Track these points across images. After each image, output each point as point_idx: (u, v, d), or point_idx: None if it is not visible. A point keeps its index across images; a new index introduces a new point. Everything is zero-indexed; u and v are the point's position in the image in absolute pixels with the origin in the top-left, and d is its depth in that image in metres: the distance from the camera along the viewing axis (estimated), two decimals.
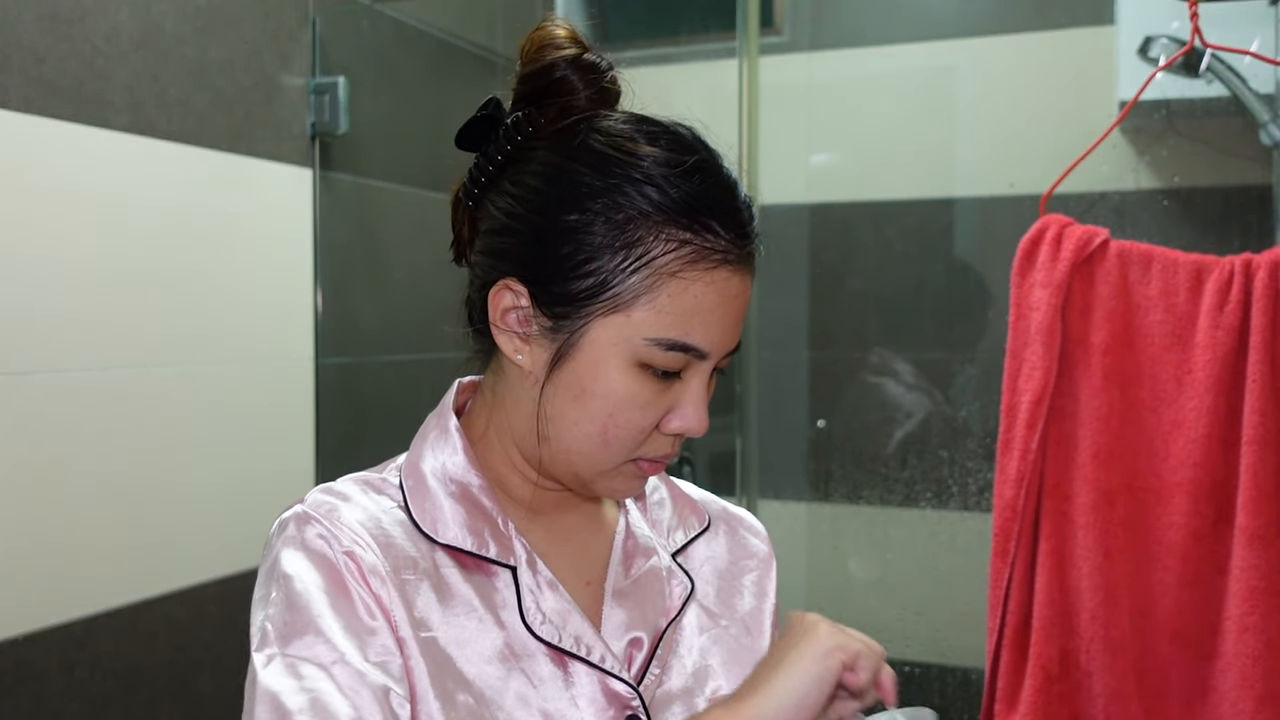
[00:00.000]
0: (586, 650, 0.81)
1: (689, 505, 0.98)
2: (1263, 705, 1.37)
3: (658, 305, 0.77)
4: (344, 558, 0.76)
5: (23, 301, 1.50)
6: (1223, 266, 1.45)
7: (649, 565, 0.90)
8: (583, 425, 0.80)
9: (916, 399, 2.31)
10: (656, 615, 0.87)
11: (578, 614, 0.82)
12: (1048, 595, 1.47)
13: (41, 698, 1.52)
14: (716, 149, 0.83)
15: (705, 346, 0.79)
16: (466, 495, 0.83)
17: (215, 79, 1.80)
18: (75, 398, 1.57)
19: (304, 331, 1.99)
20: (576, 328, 0.79)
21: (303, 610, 0.74)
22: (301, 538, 0.77)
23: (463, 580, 0.81)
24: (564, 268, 0.79)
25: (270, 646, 0.73)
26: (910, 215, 2.33)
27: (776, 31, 2.44)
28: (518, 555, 0.83)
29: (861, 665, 0.77)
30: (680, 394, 0.81)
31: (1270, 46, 1.69)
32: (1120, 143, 2.02)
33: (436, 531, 0.81)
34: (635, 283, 0.77)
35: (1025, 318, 1.50)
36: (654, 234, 0.77)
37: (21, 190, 1.50)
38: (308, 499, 0.81)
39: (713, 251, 0.78)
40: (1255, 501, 1.38)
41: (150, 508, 1.68)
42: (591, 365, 0.79)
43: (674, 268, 0.77)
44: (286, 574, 0.76)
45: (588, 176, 0.79)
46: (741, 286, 0.80)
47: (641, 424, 0.80)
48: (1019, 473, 1.48)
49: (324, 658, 0.72)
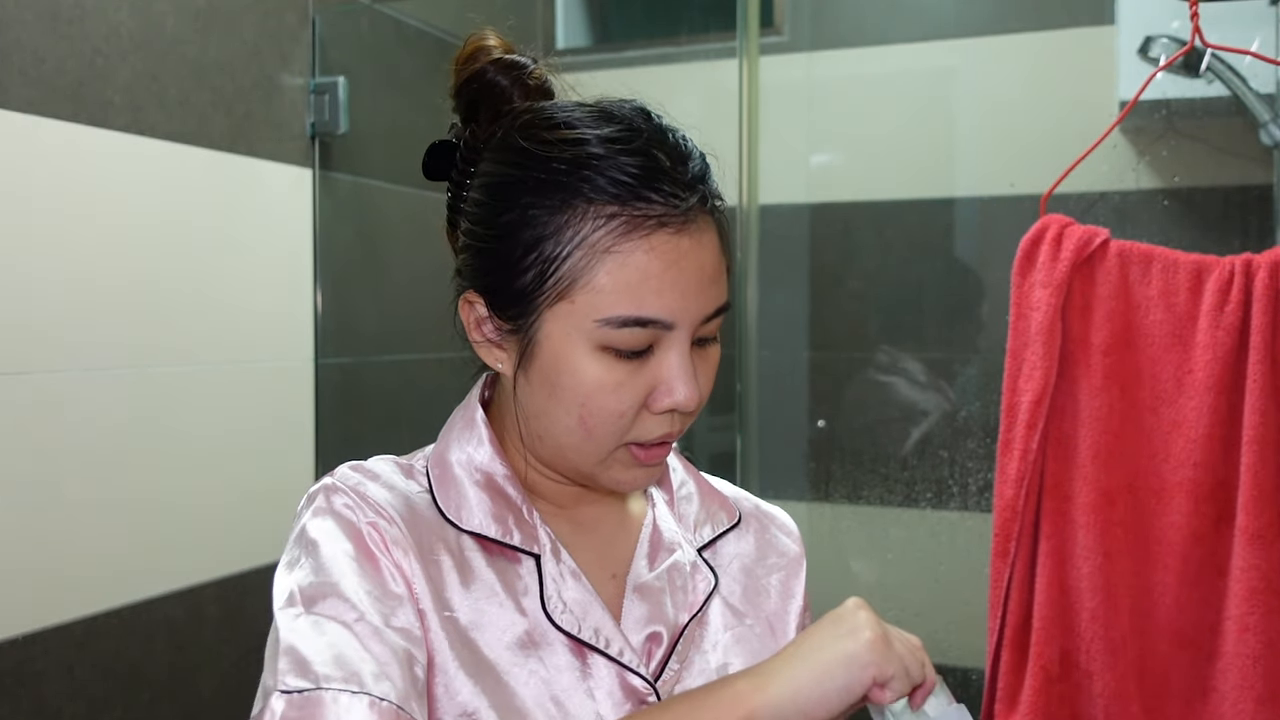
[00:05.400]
0: (605, 643, 0.81)
1: (718, 500, 0.97)
2: (1263, 705, 1.37)
3: (597, 285, 0.76)
4: (368, 528, 0.78)
5: (23, 301, 1.50)
6: (1223, 266, 1.45)
7: (673, 560, 0.89)
8: (560, 419, 0.80)
9: (916, 399, 2.31)
10: (678, 611, 0.87)
11: (599, 606, 0.83)
12: (1048, 595, 1.47)
13: (41, 698, 1.52)
14: (646, 115, 0.81)
15: (666, 316, 0.77)
16: (491, 484, 0.84)
17: (215, 79, 1.80)
18: (75, 398, 1.57)
19: (304, 332, 1.99)
20: (531, 324, 0.79)
21: (329, 574, 0.75)
22: (330, 507, 0.79)
23: (486, 565, 0.82)
24: (507, 267, 0.79)
25: (296, 606, 0.74)
26: (910, 215, 2.33)
27: (776, 31, 2.44)
28: (542, 544, 0.83)
29: (893, 687, 0.75)
30: (661, 370, 0.79)
31: (1270, 46, 1.69)
32: (1120, 143, 2.02)
33: (461, 518, 0.82)
34: (572, 266, 0.76)
35: (1025, 318, 1.50)
36: (583, 214, 0.76)
37: (22, 190, 1.50)
38: (337, 472, 0.82)
39: (645, 218, 0.76)
40: (1255, 501, 1.38)
41: (150, 508, 1.68)
42: (553, 358, 0.79)
43: (607, 243, 0.76)
44: (314, 540, 0.77)
45: (515, 173, 0.79)
46: (691, 245, 0.78)
47: (618, 408, 0.78)
48: (1019, 473, 1.48)
49: (347, 615, 0.73)
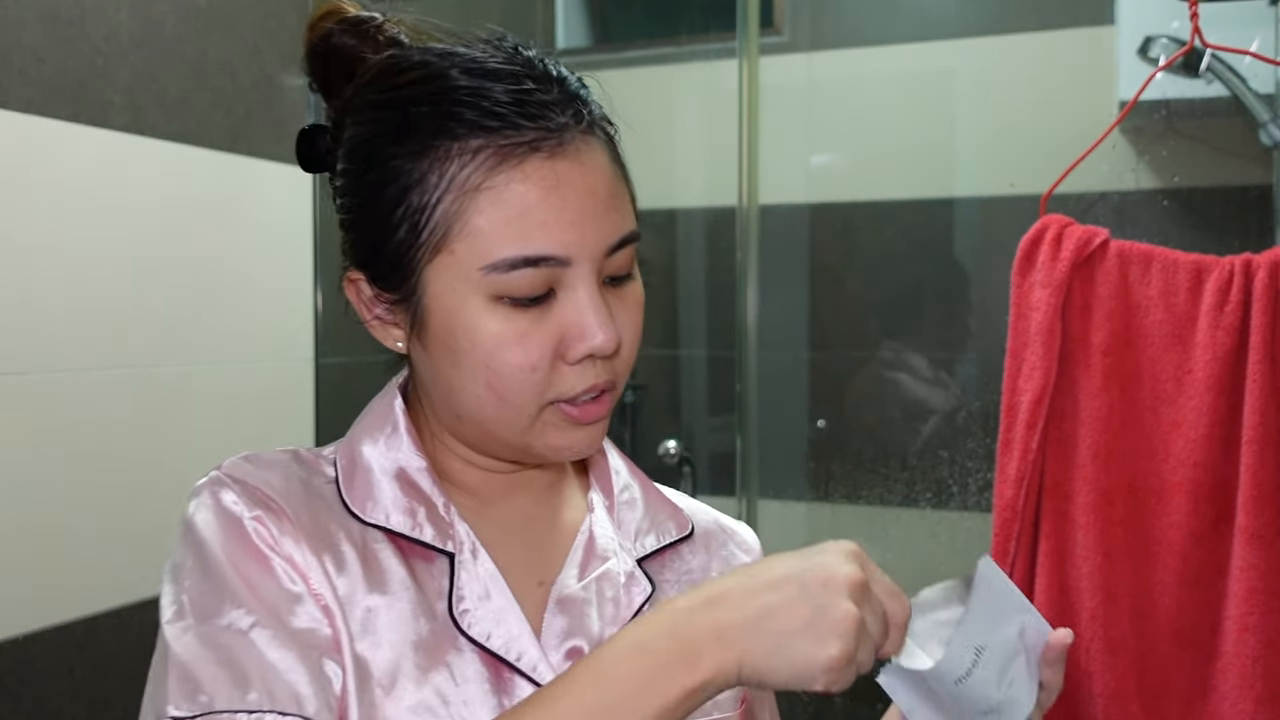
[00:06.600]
0: (517, 656, 0.73)
1: (668, 510, 0.87)
2: (1262, 705, 1.37)
3: (474, 228, 0.69)
4: (253, 523, 0.71)
5: (23, 301, 1.50)
6: (1223, 266, 1.45)
7: (604, 569, 0.80)
8: (469, 387, 0.72)
9: (916, 399, 2.31)
10: (605, 624, 0.78)
11: (515, 614, 0.74)
12: (1048, 595, 1.47)
13: (41, 698, 1.52)
14: (505, 43, 0.75)
15: (558, 251, 0.69)
16: (403, 477, 0.77)
17: (215, 79, 1.80)
18: (75, 398, 1.57)
19: (304, 331, 1.99)
20: (414, 288, 0.72)
21: (217, 579, 0.69)
22: (215, 503, 0.72)
23: (398, 563, 0.74)
24: (378, 230, 0.72)
25: (185, 619, 0.68)
26: (910, 215, 2.33)
27: (776, 31, 2.44)
28: (459, 542, 0.76)
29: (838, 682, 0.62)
30: (568, 313, 0.71)
31: (1270, 46, 1.69)
32: (1120, 143, 2.02)
33: (366, 511, 0.75)
34: (444, 212, 0.69)
35: (1025, 318, 1.50)
36: (446, 154, 0.69)
37: (22, 190, 1.50)
38: (225, 464, 0.75)
39: (515, 146, 0.69)
40: (1255, 501, 1.38)
41: (150, 508, 1.68)
42: (445, 321, 0.71)
43: (477, 180, 0.68)
44: (200, 540, 0.71)
45: (371, 128, 0.73)
46: (572, 168, 0.70)
47: (526, 362, 0.70)
48: (1019, 473, 1.48)
49: (241, 623, 0.67)
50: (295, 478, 0.76)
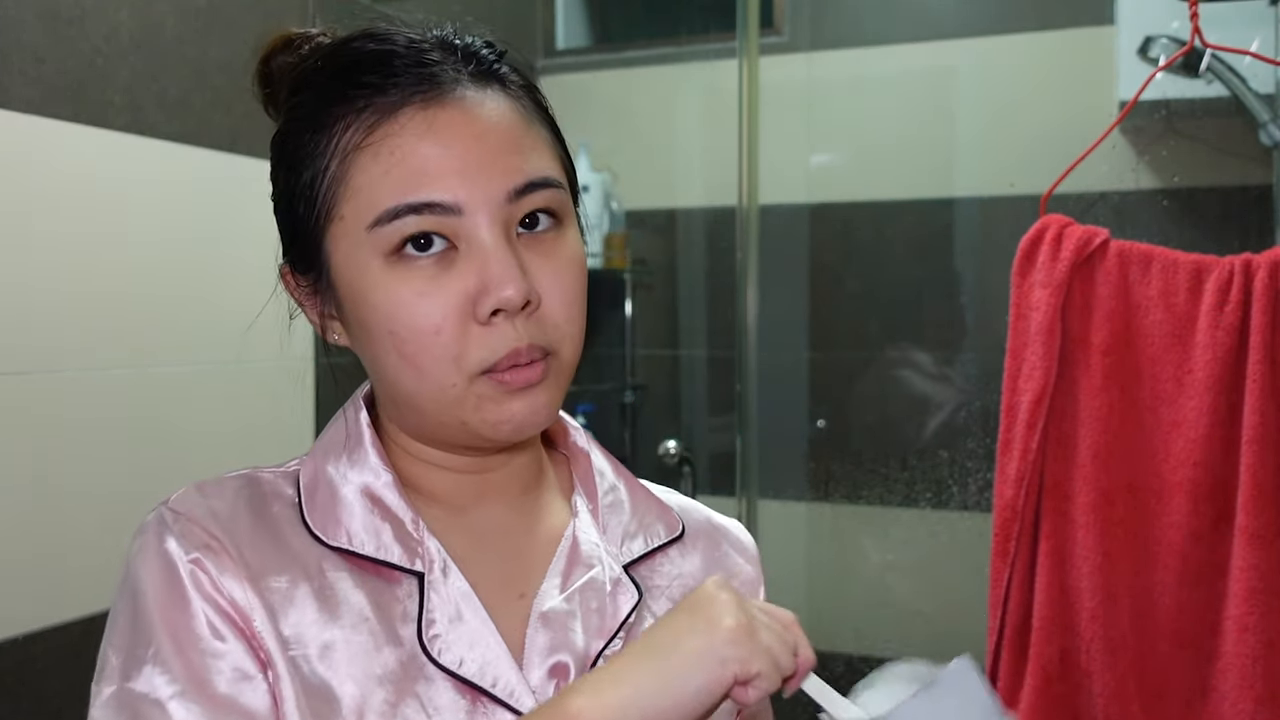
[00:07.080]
0: (492, 681, 0.68)
1: (656, 510, 0.83)
2: (1262, 705, 1.37)
3: (356, 186, 0.68)
4: (191, 566, 0.68)
5: (23, 301, 1.50)
6: (1223, 266, 1.45)
7: (588, 578, 0.75)
8: (385, 359, 0.70)
9: (916, 399, 2.31)
10: (590, 637, 0.73)
11: (492, 635, 0.70)
12: (1048, 595, 1.47)
13: (41, 698, 1.52)
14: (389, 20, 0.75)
15: (442, 197, 0.67)
16: (369, 493, 0.73)
17: (215, 79, 1.80)
18: (75, 398, 1.57)
19: (304, 332, 1.98)
20: (322, 264, 0.72)
21: (145, 635, 0.67)
22: (155, 545, 0.69)
23: (354, 587, 0.70)
24: (286, 210, 0.73)
25: (109, 679, 0.66)
26: (910, 215, 2.33)
27: (776, 31, 2.44)
28: (429, 560, 0.71)
29: (758, 685, 0.62)
30: (471, 265, 0.68)
31: (1270, 46, 1.69)
32: (1120, 143, 2.02)
33: (328, 534, 0.71)
34: (331, 177, 0.69)
35: (1025, 318, 1.51)
36: (332, 127, 0.70)
37: (21, 190, 1.50)
38: (172, 497, 0.73)
39: (390, 103, 0.69)
40: (1255, 501, 1.38)
41: (150, 508, 1.68)
42: (350, 293, 0.70)
43: (359, 139, 0.68)
44: (135, 591, 0.68)
45: (285, 119, 0.74)
46: (456, 115, 0.69)
47: (429, 323, 0.67)
48: (1019, 473, 1.48)
49: (163, 691, 0.64)
50: (245, 507, 0.72)
